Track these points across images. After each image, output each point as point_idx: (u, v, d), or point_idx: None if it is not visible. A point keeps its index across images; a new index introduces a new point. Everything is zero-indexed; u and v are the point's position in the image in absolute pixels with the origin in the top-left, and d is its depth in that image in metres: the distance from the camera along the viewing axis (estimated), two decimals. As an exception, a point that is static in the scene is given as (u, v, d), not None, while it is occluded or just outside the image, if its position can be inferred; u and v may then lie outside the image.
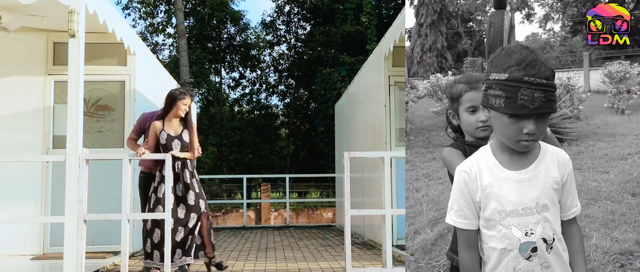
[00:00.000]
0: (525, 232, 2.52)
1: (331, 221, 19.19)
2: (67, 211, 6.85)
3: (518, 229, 2.52)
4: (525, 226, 2.52)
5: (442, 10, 28.98)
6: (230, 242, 12.47)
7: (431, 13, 29.01)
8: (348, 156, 7.34)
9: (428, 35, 29.35)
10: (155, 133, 7.49)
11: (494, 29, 6.48)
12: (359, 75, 13.38)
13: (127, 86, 9.96)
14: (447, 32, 28.48)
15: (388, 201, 7.24)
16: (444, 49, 29.90)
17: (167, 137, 7.45)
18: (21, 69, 9.82)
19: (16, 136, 9.63)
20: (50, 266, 8.40)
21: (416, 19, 29.63)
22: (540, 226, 2.52)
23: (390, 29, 9.66)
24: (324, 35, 26.76)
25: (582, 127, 14.04)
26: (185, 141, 7.52)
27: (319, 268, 8.18)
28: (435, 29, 28.99)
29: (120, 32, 8.45)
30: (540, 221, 2.53)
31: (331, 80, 23.65)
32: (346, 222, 7.23)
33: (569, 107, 13.82)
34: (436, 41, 28.97)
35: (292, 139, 31.47)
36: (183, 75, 23.58)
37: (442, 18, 29.00)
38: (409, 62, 22.21)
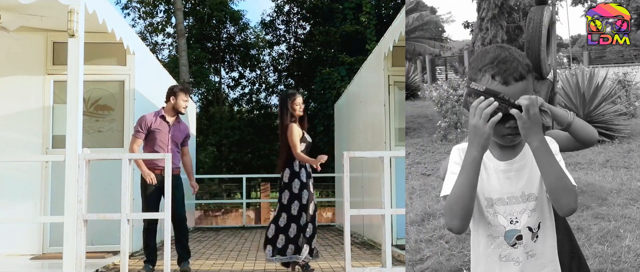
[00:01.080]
0: (510, 220, 2.59)
1: (331, 220, 19.19)
2: (67, 210, 6.86)
3: (503, 217, 2.59)
4: (511, 214, 2.58)
5: (503, 4, 29.09)
6: (229, 242, 12.47)
7: (492, 7, 29.13)
8: (347, 155, 7.34)
9: (489, 29, 29.45)
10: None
11: (533, 25, 6.47)
12: (358, 75, 13.38)
13: (126, 86, 9.95)
14: (508, 26, 28.60)
15: (387, 200, 7.25)
16: (503, 43, 29.99)
17: (302, 136, 7.79)
18: (21, 68, 9.82)
19: (16, 136, 9.62)
20: (49, 265, 8.40)
21: (478, 13, 29.78)
22: (526, 215, 2.58)
23: (390, 28, 9.66)
24: (324, 35, 26.76)
25: (636, 125, 13.57)
26: (308, 141, 7.91)
27: (319, 268, 8.18)
28: (496, 23, 29.06)
29: (120, 31, 8.45)
30: (525, 210, 2.58)
31: (331, 80, 23.65)
32: (346, 222, 7.23)
33: (624, 104, 13.57)
34: (496, 35, 29.06)
35: (292, 138, 31.47)
36: (182, 75, 23.58)
37: (503, 12, 29.11)
38: (470, 55, 22.23)
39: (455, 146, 2.75)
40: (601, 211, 7.49)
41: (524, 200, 2.58)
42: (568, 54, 24.52)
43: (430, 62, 30.60)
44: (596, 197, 8.16)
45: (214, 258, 9.45)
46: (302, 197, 7.53)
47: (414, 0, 27.77)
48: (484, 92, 2.46)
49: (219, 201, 21.64)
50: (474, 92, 2.52)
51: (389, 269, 7.12)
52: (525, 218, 2.58)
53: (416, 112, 20.16)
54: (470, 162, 2.44)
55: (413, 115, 19.14)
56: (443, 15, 25.52)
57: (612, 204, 7.69)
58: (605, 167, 10.11)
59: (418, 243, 7.06)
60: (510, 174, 2.60)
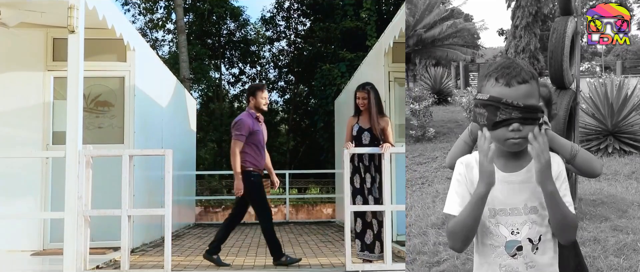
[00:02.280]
0: (511, 231, 2.64)
1: (331, 216, 19.19)
2: (67, 207, 6.87)
3: (505, 227, 2.65)
4: (512, 225, 2.64)
5: (537, 12, 29.09)
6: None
7: (526, 15, 29.16)
8: (348, 151, 7.36)
9: (522, 36, 29.46)
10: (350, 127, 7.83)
11: (556, 35, 6.47)
12: (358, 71, 13.37)
13: (126, 82, 9.95)
14: (541, 34, 28.62)
15: (388, 196, 7.26)
16: (536, 50, 29.95)
17: (359, 129, 7.74)
18: (20, 65, 9.82)
19: (16, 132, 9.63)
20: (50, 261, 8.42)
21: (512, 21, 29.91)
22: (527, 227, 2.64)
23: (390, 25, 9.66)
24: (324, 31, 26.72)
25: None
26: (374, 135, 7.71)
27: (319, 264, 8.19)
28: (530, 31, 29.11)
29: (120, 28, 8.45)
30: (526, 222, 2.64)
31: (331, 76, 23.62)
32: (346, 218, 7.26)
33: None
34: (529, 43, 29.08)
35: (292, 135, 31.45)
36: (183, 72, 23.56)
37: (537, 20, 29.11)
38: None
39: (459, 160, 2.80)
40: (620, 223, 7.51)
41: (526, 212, 2.63)
42: (601, 63, 24.48)
43: (463, 69, 30.68)
44: (616, 209, 8.17)
45: (215, 254, 9.44)
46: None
47: (449, 8, 27.87)
48: (488, 101, 2.55)
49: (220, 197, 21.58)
50: (479, 102, 2.60)
51: (389, 265, 7.14)
52: (526, 230, 2.63)
53: (447, 117, 20.23)
54: (478, 198, 2.52)
55: (443, 120, 19.20)
56: (477, 22, 25.60)
57: (632, 217, 7.69)
58: (630, 178, 10.11)
59: (436, 246, 7.10)
60: (514, 185, 2.65)
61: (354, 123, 7.78)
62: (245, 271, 7.69)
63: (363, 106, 7.71)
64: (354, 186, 7.60)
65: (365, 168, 7.61)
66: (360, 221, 7.61)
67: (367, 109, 7.70)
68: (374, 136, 7.63)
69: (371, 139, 7.63)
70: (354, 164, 7.62)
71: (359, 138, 7.68)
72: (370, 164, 7.63)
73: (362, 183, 7.58)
